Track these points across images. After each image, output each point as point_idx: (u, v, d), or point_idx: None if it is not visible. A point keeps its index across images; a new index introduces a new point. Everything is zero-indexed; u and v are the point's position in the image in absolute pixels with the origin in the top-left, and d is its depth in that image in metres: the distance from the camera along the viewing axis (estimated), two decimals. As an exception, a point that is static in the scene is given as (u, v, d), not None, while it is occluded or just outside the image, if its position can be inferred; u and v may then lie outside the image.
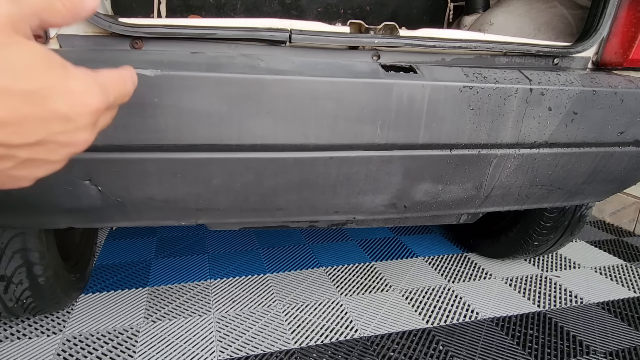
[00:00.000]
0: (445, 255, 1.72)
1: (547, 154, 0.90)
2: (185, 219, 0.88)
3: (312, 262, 1.62)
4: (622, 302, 1.41)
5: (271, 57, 0.71)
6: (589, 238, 1.94)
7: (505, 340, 1.20)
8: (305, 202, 0.86)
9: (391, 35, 0.81)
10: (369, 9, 1.86)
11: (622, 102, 0.86)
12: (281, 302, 1.35)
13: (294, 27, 0.75)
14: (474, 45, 0.84)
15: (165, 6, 1.70)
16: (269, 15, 1.78)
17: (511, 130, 0.83)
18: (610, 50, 0.93)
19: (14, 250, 0.98)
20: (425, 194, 0.92)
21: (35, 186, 0.71)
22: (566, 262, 1.69)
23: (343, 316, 1.28)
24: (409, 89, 0.73)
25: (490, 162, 0.88)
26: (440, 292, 1.44)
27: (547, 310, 1.35)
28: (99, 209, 0.77)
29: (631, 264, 1.70)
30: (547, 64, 0.93)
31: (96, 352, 1.10)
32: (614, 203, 2.13)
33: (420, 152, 0.81)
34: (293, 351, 1.13)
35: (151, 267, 1.56)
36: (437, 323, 1.27)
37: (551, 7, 1.17)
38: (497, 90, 0.78)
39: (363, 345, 1.16)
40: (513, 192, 0.98)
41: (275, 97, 0.68)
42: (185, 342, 1.15)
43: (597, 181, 1.02)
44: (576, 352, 1.16)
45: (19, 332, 1.17)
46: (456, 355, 1.13)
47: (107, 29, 0.67)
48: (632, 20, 0.89)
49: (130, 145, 0.66)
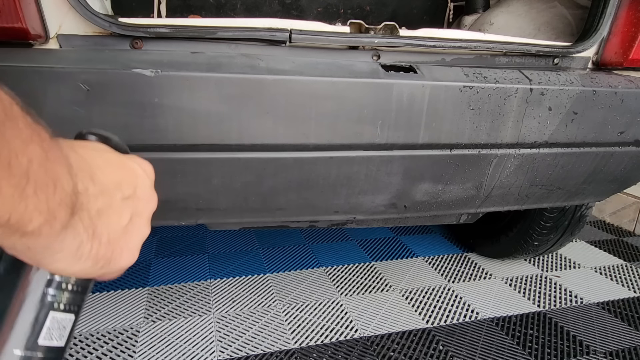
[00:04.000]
0: (445, 255, 1.72)
1: (547, 154, 0.90)
2: (185, 219, 0.88)
3: (312, 262, 1.62)
4: (622, 302, 1.41)
5: (271, 57, 0.71)
6: (589, 238, 1.94)
7: (505, 340, 1.20)
8: (306, 202, 0.86)
9: (391, 35, 0.81)
10: (369, 9, 1.86)
11: (622, 102, 0.86)
12: (281, 302, 1.35)
13: (294, 27, 0.75)
14: (474, 45, 0.84)
15: (165, 6, 1.70)
16: (269, 15, 1.78)
17: (511, 130, 0.83)
18: (610, 50, 0.93)
19: (14, 250, 0.98)
20: (426, 194, 0.92)
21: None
22: (566, 262, 1.69)
23: (343, 316, 1.28)
24: (409, 89, 0.73)
25: (490, 162, 0.88)
26: (440, 292, 1.44)
27: (547, 310, 1.35)
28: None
29: (631, 264, 1.70)
30: (547, 64, 0.93)
31: (96, 352, 1.10)
32: (614, 203, 2.13)
33: (420, 152, 0.81)
34: (293, 351, 1.13)
35: (151, 267, 1.56)
36: (437, 323, 1.27)
37: (551, 7, 1.17)
38: (497, 90, 0.78)
39: (363, 345, 1.16)
40: (513, 192, 0.98)
41: (275, 97, 0.68)
42: (185, 342, 1.15)
43: (597, 181, 1.02)
44: (576, 352, 1.16)
45: (19, 332, 1.17)
46: (456, 355, 1.13)
47: (107, 28, 0.67)
48: (632, 20, 0.89)
49: (130, 145, 0.66)
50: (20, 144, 0.23)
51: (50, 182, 0.25)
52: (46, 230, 0.25)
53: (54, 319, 0.29)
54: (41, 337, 0.28)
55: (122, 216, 0.32)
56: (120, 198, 0.32)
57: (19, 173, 0.23)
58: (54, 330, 0.29)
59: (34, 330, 0.28)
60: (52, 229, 0.26)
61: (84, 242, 0.29)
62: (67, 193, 0.26)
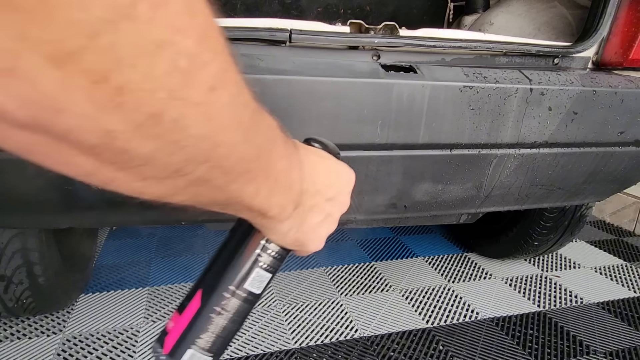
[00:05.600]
0: (445, 255, 1.72)
1: (547, 153, 0.90)
2: (185, 219, 0.88)
3: (312, 262, 1.62)
4: (622, 302, 1.41)
5: (271, 57, 0.71)
6: (589, 238, 1.94)
7: (505, 340, 1.20)
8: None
9: (391, 35, 0.81)
10: (369, 8, 1.86)
11: (622, 102, 0.86)
12: (281, 302, 1.35)
13: (294, 27, 0.75)
14: (474, 45, 0.84)
15: (165, 6, 1.69)
16: (269, 15, 1.77)
17: (511, 130, 0.83)
18: (610, 50, 0.93)
19: (14, 250, 0.98)
20: (425, 194, 0.91)
21: (36, 186, 0.71)
22: (566, 262, 1.69)
23: (343, 316, 1.28)
24: (409, 89, 0.73)
25: (491, 162, 0.88)
26: (440, 292, 1.44)
27: (547, 310, 1.35)
28: (98, 209, 0.77)
29: (631, 264, 1.70)
30: (547, 64, 0.93)
31: (96, 352, 1.10)
32: (614, 203, 2.13)
33: (421, 152, 0.81)
34: (293, 351, 1.13)
35: (151, 267, 1.56)
36: (437, 323, 1.27)
37: (551, 7, 1.17)
38: (497, 90, 0.78)
39: (363, 345, 1.16)
40: (513, 192, 0.98)
41: (275, 97, 0.68)
42: (185, 342, 1.14)
43: (597, 181, 1.02)
44: (576, 352, 1.16)
45: (19, 332, 1.17)
46: (456, 355, 1.13)
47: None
48: (632, 20, 0.88)
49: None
50: (277, 159, 0.32)
51: (288, 185, 0.34)
52: (277, 217, 0.35)
53: (258, 273, 0.40)
54: (247, 282, 0.39)
55: (322, 213, 0.40)
56: (326, 199, 0.40)
57: (272, 179, 0.31)
58: (256, 282, 0.40)
59: (244, 276, 0.39)
60: (281, 216, 0.35)
61: (293, 227, 0.37)
62: (296, 193, 0.35)
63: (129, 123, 0.20)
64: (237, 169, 0.28)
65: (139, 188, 0.25)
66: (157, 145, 0.22)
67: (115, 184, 0.25)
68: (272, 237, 0.39)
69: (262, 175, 0.30)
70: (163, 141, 0.22)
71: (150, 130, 0.21)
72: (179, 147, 0.23)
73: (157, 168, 0.23)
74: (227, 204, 0.31)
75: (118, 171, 0.23)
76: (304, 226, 0.38)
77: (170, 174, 0.24)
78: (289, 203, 0.35)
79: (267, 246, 0.40)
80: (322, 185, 0.39)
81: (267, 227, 0.37)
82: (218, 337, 0.39)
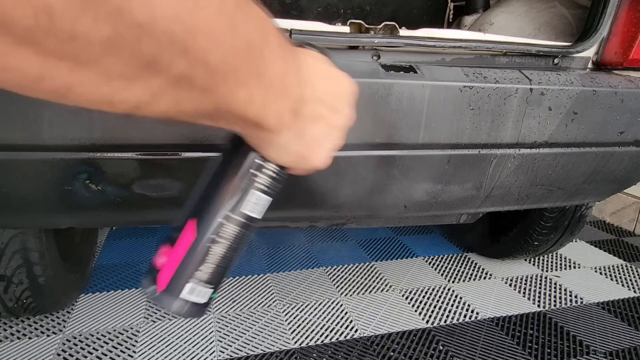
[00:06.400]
0: (445, 255, 1.72)
1: (547, 154, 0.90)
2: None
3: (312, 262, 1.62)
4: (622, 302, 1.41)
5: (271, 57, 0.71)
6: (589, 238, 1.94)
7: (505, 340, 1.20)
8: (305, 202, 0.86)
9: (391, 35, 0.81)
10: (369, 9, 1.86)
11: (622, 102, 0.86)
12: (281, 302, 1.35)
13: (294, 27, 0.75)
14: (474, 45, 0.84)
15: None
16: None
17: (511, 130, 0.83)
18: (610, 50, 0.93)
19: (14, 250, 0.98)
20: (425, 193, 0.91)
21: (36, 186, 0.71)
22: (566, 262, 1.69)
23: (343, 316, 1.28)
24: (409, 89, 0.73)
25: (490, 162, 0.88)
26: (440, 292, 1.44)
27: (547, 310, 1.35)
28: (99, 209, 0.77)
29: (631, 264, 1.70)
30: (547, 64, 0.93)
31: (96, 352, 1.10)
32: (614, 203, 2.13)
33: (420, 152, 0.81)
34: (293, 351, 1.13)
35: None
36: (437, 323, 1.27)
37: (551, 7, 1.17)
38: (497, 90, 0.78)
39: (363, 345, 1.16)
40: (513, 192, 0.98)
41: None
42: (185, 342, 1.15)
43: (597, 181, 1.02)
44: (576, 352, 1.16)
45: (19, 332, 1.17)
46: (456, 355, 1.13)
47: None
48: (632, 20, 0.88)
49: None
50: (271, 60, 0.28)
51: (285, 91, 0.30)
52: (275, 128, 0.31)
53: (254, 195, 0.37)
54: (243, 206, 0.36)
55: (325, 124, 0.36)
56: (328, 109, 0.36)
57: (266, 83, 0.28)
58: (253, 204, 0.37)
59: (240, 199, 0.36)
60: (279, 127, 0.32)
61: (292, 140, 0.34)
62: (295, 100, 0.32)
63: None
64: (224, 67, 0.24)
65: (107, 95, 0.21)
66: (115, 28, 0.18)
67: (77, 93, 0.20)
68: (270, 152, 0.35)
69: (254, 77, 0.27)
70: (122, 23, 0.18)
71: (100, 7, 0.17)
72: (145, 31, 0.19)
73: (122, 61, 0.20)
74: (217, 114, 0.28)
75: (74, 70, 0.19)
76: (305, 138, 0.35)
77: (141, 70, 0.21)
78: (287, 111, 0.31)
79: (264, 165, 0.36)
80: (324, 93, 0.35)
81: (263, 141, 0.33)
82: (218, 267, 0.37)
